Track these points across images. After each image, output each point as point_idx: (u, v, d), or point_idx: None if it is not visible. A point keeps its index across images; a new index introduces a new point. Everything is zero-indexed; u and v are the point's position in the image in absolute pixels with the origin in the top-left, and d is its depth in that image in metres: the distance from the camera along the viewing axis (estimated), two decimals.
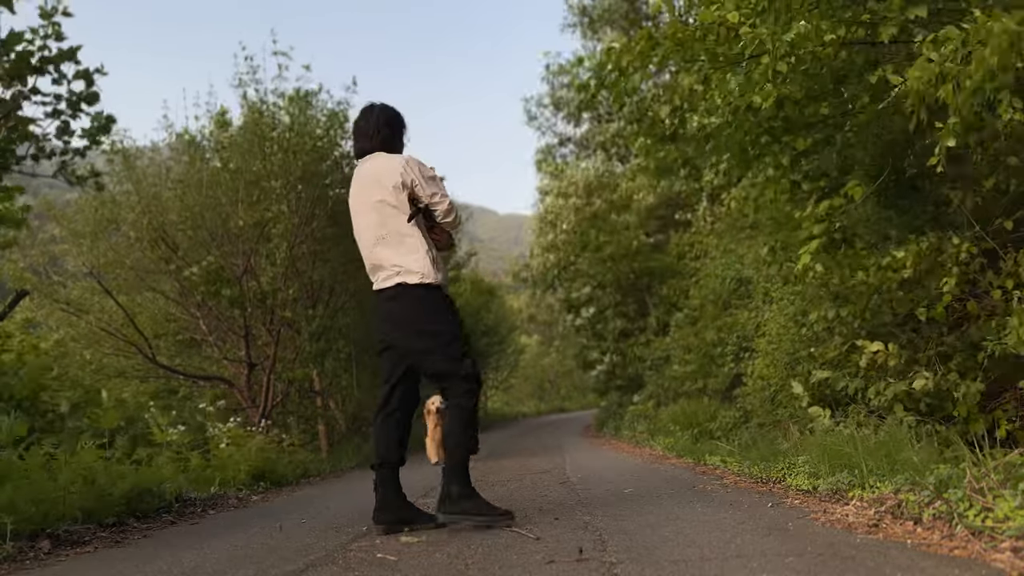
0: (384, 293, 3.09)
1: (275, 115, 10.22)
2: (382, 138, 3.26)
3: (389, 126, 3.29)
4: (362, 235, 3.18)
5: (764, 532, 2.49)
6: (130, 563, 2.84)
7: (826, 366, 4.86)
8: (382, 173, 3.11)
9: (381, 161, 3.18)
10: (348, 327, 11.39)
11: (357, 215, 3.21)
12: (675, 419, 8.36)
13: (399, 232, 3.07)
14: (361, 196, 3.17)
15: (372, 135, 3.25)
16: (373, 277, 3.17)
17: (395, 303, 3.06)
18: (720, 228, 11.08)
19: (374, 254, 3.11)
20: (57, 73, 4.50)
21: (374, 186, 3.12)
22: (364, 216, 3.15)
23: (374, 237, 3.11)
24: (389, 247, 3.07)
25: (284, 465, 6.90)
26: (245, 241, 9.36)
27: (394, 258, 3.05)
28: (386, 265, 3.07)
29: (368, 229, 3.14)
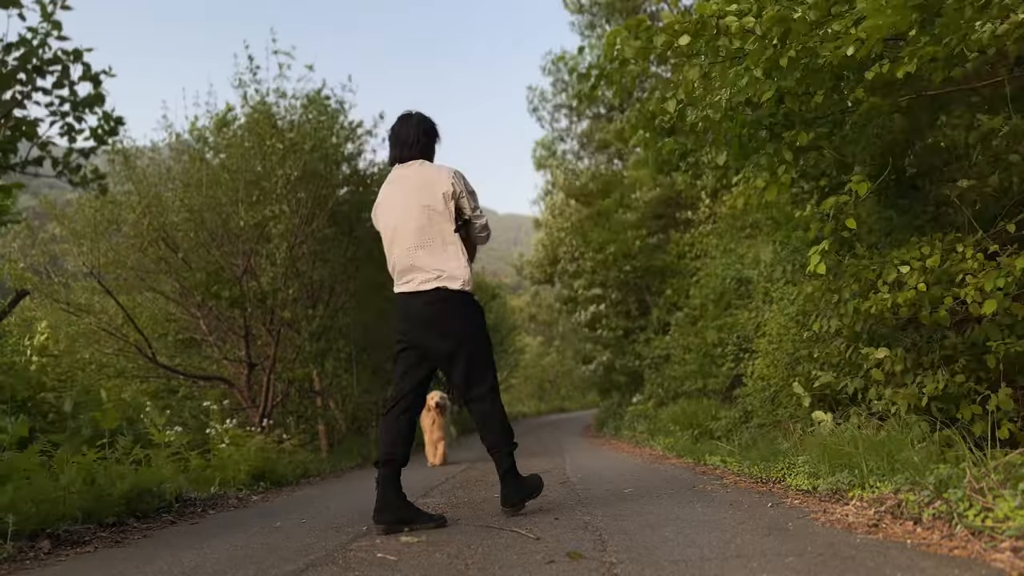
0: (421, 296, 3.17)
1: (276, 115, 10.22)
2: (421, 146, 3.38)
3: (428, 135, 3.42)
4: (399, 237, 3.24)
5: (764, 532, 2.49)
6: (130, 563, 2.84)
7: (827, 367, 4.85)
8: (432, 180, 3.24)
9: (429, 169, 3.30)
10: (348, 327, 11.40)
11: (395, 217, 3.27)
12: (675, 419, 8.36)
13: (443, 239, 3.19)
14: (404, 199, 3.25)
15: (412, 143, 3.36)
16: (404, 278, 3.23)
17: (432, 306, 3.16)
18: (720, 228, 11.09)
19: (412, 256, 3.19)
20: (61, 74, 4.48)
21: (422, 191, 3.22)
22: (406, 219, 3.23)
23: (415, 240, 3.19)
24: (431, 252, 3.18)
25: (284, 465, 6.90)
26: (245, 241, 9.36)
27: (436, 263, 3.16)
28: (427, 268, 3.16)
29: (409, 232, 3.21)
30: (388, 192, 3.36)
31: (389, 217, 3.30)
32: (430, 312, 3.16)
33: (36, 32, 4.39)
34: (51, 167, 4.81)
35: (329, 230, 10.69)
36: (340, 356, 10.96)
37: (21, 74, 4.36)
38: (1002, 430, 3.58)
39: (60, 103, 4.60)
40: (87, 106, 4.68)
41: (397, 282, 3.29)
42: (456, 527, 3.13)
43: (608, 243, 14.26)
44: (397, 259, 3.25)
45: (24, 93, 4.43)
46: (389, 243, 3.30)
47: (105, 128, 4.84)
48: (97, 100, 4.70)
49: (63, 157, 4.79)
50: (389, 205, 3.32)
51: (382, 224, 3.35)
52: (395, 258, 3.27)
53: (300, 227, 9.78)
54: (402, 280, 3.24)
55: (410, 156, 3.36)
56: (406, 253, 3.21)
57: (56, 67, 4.47)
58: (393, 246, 3.28)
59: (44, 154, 4.66)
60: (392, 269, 3.30)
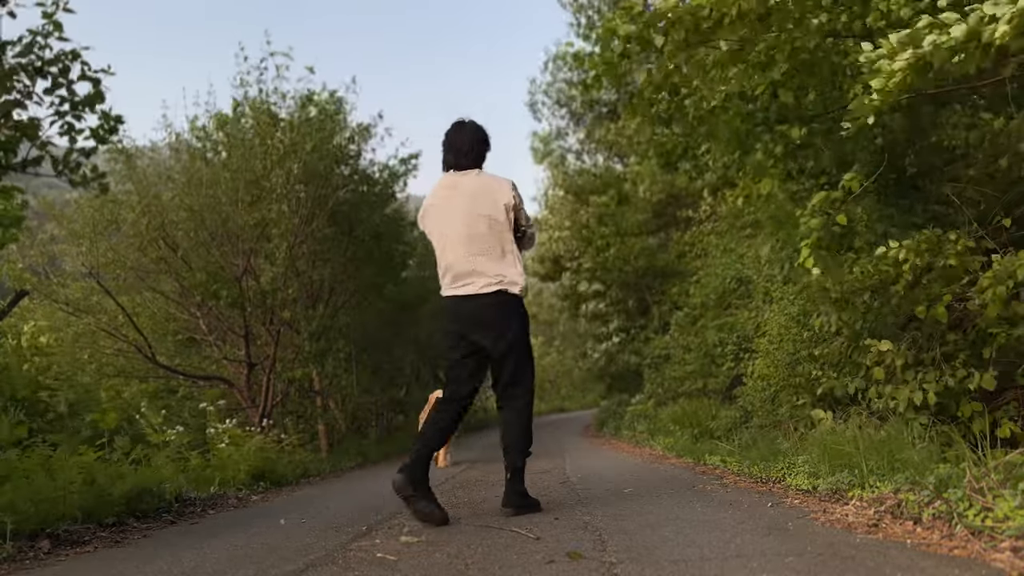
0: (481, 298, 3.29)
1: (275, 115, 10.23)
2: (476, 155, 3.49)
3: (482, 143, 3.53)
4: (456, 243, 3.35)
5: (764, 532, 2.49)
6: (130, 563, 2.84)
7: (828, 367, 4.85)
8: (495, 191, 3.38)
9: (490, 179, 3.44)
10: (348, 327, 11.40)
11: (453, 223, 3.36)
12: (675, 419, 8.36)
13: (503, 247, 3.34)
14: (464, 207, 3.35)
15: (468, 151, 3.46)
16: (461, 281, 3.33)
17: (492, 308, 3.29)
18: (721, 228, 11.09)
19: (471, 261, 3.30)
20: (60, 75, 4.47)
21: (482, 201, 3.35)
22: (465, 226, 3.33)
23: (476, 248, 3.31)
24: (491, 259, 3.31)
25: (284, 465, 6.90)
26: (245, 241, 9.36)
27: (497, 268, 3.30)
28: (488, 273, 3.29)
29: (468, 239, 3.32)
30: (443, 197, 3.44)
31: (445, 223, 3.39)
32: (491, 314, 3.29)
33: (36, 33, 4.39)
34: (51, 167, 4.80)
35: (329, 230, 10.69)
36: (339, 356, 10.96)
37: (22, 74, 4.36)
38: (1003, 429, 3.58)
39: (60, 103, 4.59)
40: (87, 105, 4.67)
41: (451, 285, 3.37)
42: (456, 527, 3.13)
43: (609, 246, 14.26)
44: (453, 263, 3.34)
45: (25, 93, 4.42)
46: (442, 247, 3.40)
47: (106, 127, 4.83)
48: (97, 98, 4.68)
49: (63, 157, 4.78)
50: (445, 211, 3.41)
51: (435, 229, 3.44)
52: (450, 262, 3.36)
53: (300, 227, 9.77)
54: (459, 283, 3.34)
55: (466, 164, 3.46)
56: (465, 259, 3.32)
57: (56, 67, 4.46)
58: (447, 251, 3.37)
59: (44, 154, 4.65)
60: (444, 272, 3.39)
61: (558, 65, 17.94)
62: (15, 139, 4.44)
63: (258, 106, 10.20)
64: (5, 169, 4.48)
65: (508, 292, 3.30)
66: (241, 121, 10.27)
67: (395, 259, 13.33)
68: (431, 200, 3.50)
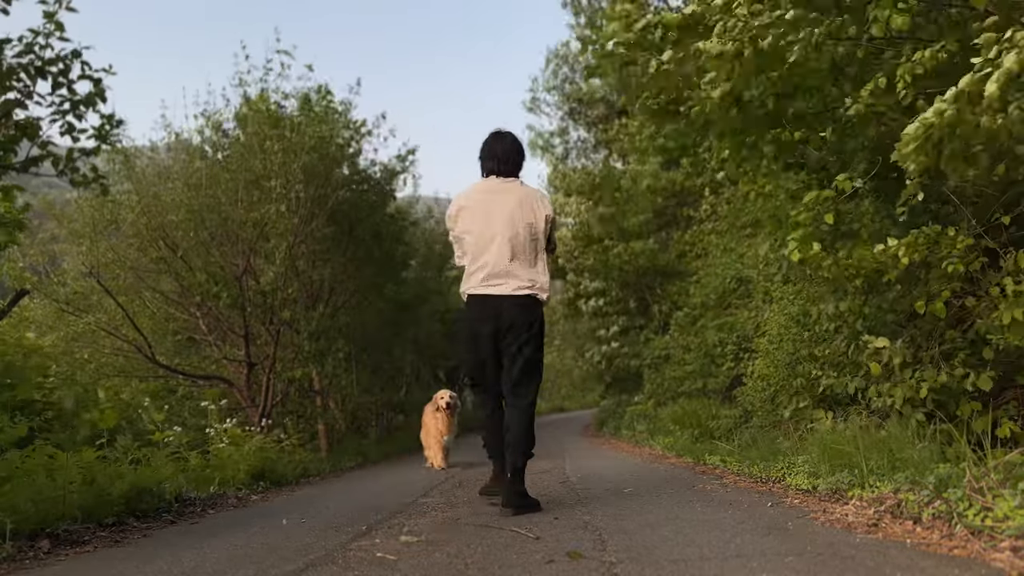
0: (513, 299, 3.50)
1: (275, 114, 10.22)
2: (515, 164, 3.73)
3: (521, 154, 3.78)
4: (495, 245, 3.52)
5: (764, 532, 2.49)
6: (130, 563, 2.84)
7: (828, 366, 4.85)
8: (535, 203, 3.61)
9: (533, 191, 3.69)
10: (348, 327, 11.40)
11: (493, 226, 3.54)
12: (675, 419, 8.36)
13: (536, 255, 3.59)
14: (506, 213, 3.55)
15: (508, 160, 3.70)
16: (494, 281, 3.51)
17: (519, 308, 3.50)
18: (721, 227, 11.09)
19: (507, 265, 3.51)
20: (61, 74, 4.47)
21: (525, 210, 3.58)
22: (506, 231, 3.52)
23: (513, 252, 3.52)
24: (524, 265, 3.54)
25: (284, 465, 6.90)
26: (244, 241, 9.35)
27: (530, 274, 3.54)
28: (521, 277, 3.51)
29: (507, 243, 3.51)
30: (482, 200, 3.62)
31: (483, 225, 3.57)
32: (517, 314, 3.48)
33: (38, 32, 4.38)
34: (51, 166, 4.79)
35: (328, 229, 10.69)
36: (339, 356, 10.95)
37: (22, 73, 4.35)
38: (1002, 429, 3.58)
39: (60, 102, 4.58)
40: (88, 105, 4.66)
41: (482, 282, 3.53)
42: (456, 526, 3.13)
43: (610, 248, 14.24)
44: (489, 263, 3.52)
45: (25, 92, 4.41)
46: (477, 247, 3.57)
47: (107, 128, 4.83)
48: (98, 96, 4.68)
49: (65, 156, 4.78)
50: (483, 214, 3.58)
51: (471, 228, 3.60)
52: (486, 262, 3.53)
53: (300, 227, 9.77)
54: (491, 282, 3.51)
55: (506, 171, 3.69)
56: (502, 261, 3.51)
57: (57, 67, 4.45)
58: (485, 252, 3.54)
59: (44, 153, 4.64)
60: (476, 269, 3.56)
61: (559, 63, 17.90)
62: (15, 138, 4.43)
63: (257, 105, 10.18)
64: (5, 169, 4.47)
65: (536, 297, 3.54)
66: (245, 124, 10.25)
67: (395, 259, 13.33)
68: (465, 201, 3.64)
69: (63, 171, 4.77)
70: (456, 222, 3.66)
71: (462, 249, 3.69)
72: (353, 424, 12.22)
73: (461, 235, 3.64)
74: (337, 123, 11.05)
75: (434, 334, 16.86)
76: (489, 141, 3.77)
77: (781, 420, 5.60)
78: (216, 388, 9.36)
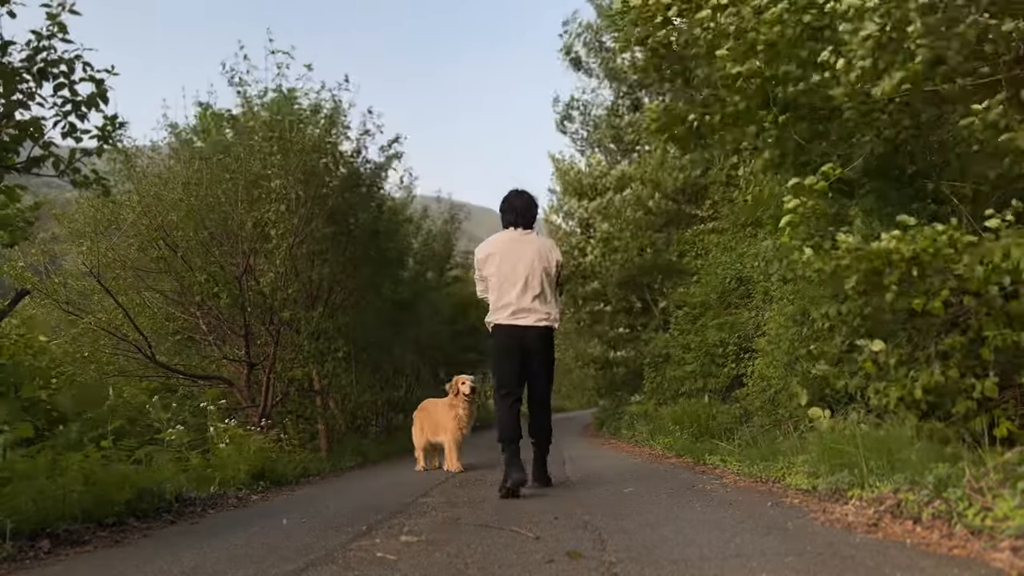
0: (536, 329, 4.36)
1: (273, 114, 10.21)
2: (531, 217, 4.58)
3: (536, 207, 4.63)
4: (519, 285, 4.35)
5: (763, 531, 2.50)
6: (130, 563, 2.84)
7: (824, 359, 4.84)
8: (548, 252, 4.47)
9: (546, 242, 4.56)
10: (347, 326, 11.39)
11: (518, 269, 4.37)
12: (675, 418, 8.36)
13: (551, 293, 4.44)
14: (527, 260, 4.38)
15: (526, 214, 4.55)
16: (520, 315, 4.35)
17: (540, 336, 4.38)
18: (722, 226, 11.09)
19: (529, 303, 4.35)
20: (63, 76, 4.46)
21: (542, 258, 4.41)
22: (528, 274, 4.36)
23: (534, 291, 4.35)
24: (543, 301, 4.38)
25: (284, 464, 6.90)
26: (244, 241, 9.35)
27: (546, 308, 4.40)
28: (540, 311, 4.37)
29: (529, 284, 4.36)
30: (507, 247, 4.44)
31: (508, 268, 4.38)
32: (538, 342, 4.37)
33: (41, 36, 4.38)
34: (52, 167, 4.79)
35: (328, 230, 10.68)
36: (339, 356, 10.95)
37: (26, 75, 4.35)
38: (1000, 428, 3.57)
39: (63, 103, 4.58)
40: (89, 106, 4.66)
41: (509, 316, 4.36)
42: (456, 526, 3.14)
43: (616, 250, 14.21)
44: (514, 302, 4.35)
45: (28, 94, 4.41)
46: (503, 284, 4.38)
47: (109, 128, 4.84)
48: (100, 97, 4.67)
49: (68, 157, 4.78)
50: (510, 260, 4.39)
51: (497, 271, 4.40)
52: (511, 300, 4.35)
53: (299, 227, 9.76)
54: (518, 316, 4.35)
55: (525, 224, 4.54)
56: (525, 300, 4.34)
57: (58, 68, 4.45)
58: (510, 289, 4.36)
59: (46, 154, 4.64)
60: (503, 305, 4.38)
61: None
62: (19, 139, 4.43)
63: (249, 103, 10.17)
64: (7, 169, 4.47)
65: (552, 328, 4.43)
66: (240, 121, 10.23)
67: (392, 257, 13.29)
68: (493, 249, 4.46)
69: (63, 172, 4.77)
70: (485, 265, 4.46)
71: (486, 285, 4.49)
72: (353, 424, 12.22)
73: (488, 276, 4.44)
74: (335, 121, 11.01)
75: (434, 333, 16.85)
76: (510, 197, 4.56)
77: (781, 420, 5.60)
78: (216, 388, 9.37)
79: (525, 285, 4.34)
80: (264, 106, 10.38)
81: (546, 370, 4.47)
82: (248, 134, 9.79)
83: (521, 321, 4.34)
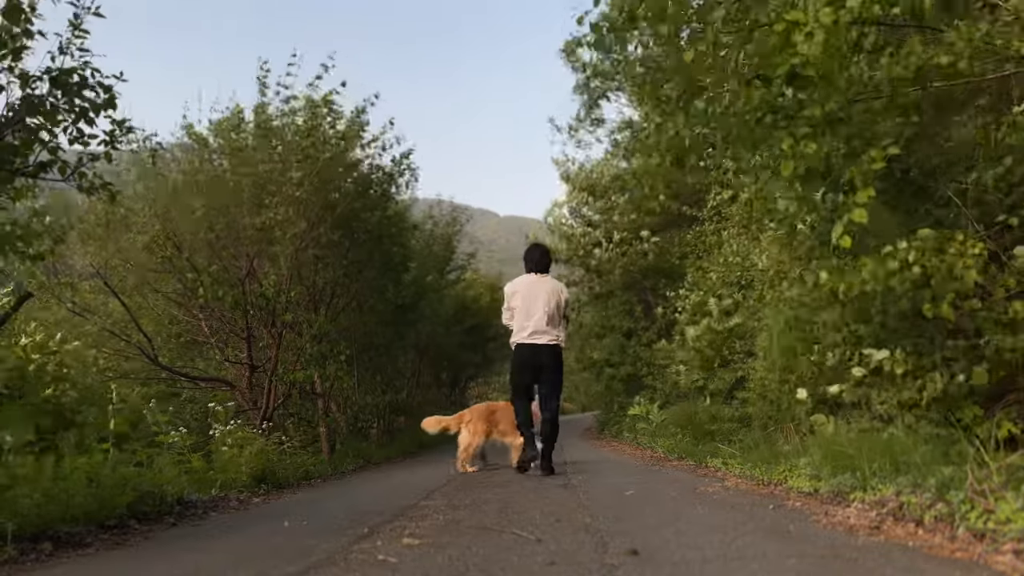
0: (546, 347, 5.68)
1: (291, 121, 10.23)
2: (544, 265, 5.94)
3: (547, 257, 6.02)
4: (538, 315, 5.66)
5: (765, 534, 2.49)
6: (131, 565, 2.84)
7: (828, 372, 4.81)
8: (559, 291, 5.82)
9: (556, 284, 5.90)
10: (349, 329, 11.39)
11: (537, 303, 5.69)
12: (676, 421, 8.35)
13: (559, 320, 5.77)
14: (543, 297, 5.71)
15: (540, 263, 5.90)
16: (536, 336, 5.66)
17: (552, 352, 5.71)
18: (725, 226, 11.07)
19: (544, 327, 5.66)
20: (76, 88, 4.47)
21: (553, 296, 5.74)
22: (543, 307, 5.68)
23: (548, 319, 5.66)
24: (553, 327, 5.71)
25: (285, 467, 6.90)
26: (250, 244, 9.36)
27: (557, 332, 5.74)
28: (552, 334, 5.69)
29: (544, 315, 5.66)
30: (528, 289, 5.77)
31: (530, 303, 5.70)
32: (550, 355, 5.71)
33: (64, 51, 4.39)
34: (59, 172, 4.80)
35: (335, 235, 10.65)
36: (340, 359, 10.95)
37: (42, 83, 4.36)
38: (1002, 430, 3.56)
39: (69, 109, 4.59)
40: (98, 111, 4.66)
41: (528, 336, 5.66)
42: (457, 529, 3.13)
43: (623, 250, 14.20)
44: (533, 326, 5.66)
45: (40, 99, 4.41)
46: (525, 315, 5.69)
47: (118, 134, 4.85)
48: (109, 104, 4.68)
49: (76, 162, 4.80)
50: (529, 296, 5.73)
51: (521, 304, 5.73)
52: (531, 324, 5.66)
53: (306, 231, 9.75)
54: (535, 337, 5.66)
55: (540, 270, 5.88)
56: (541, 325, 5.65)
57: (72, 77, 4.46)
58: (531, 318, 5.67)
59: (54, 159, 4.66)
60: (524, 328, 5.67)
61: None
62: (28, 143, 4.45)
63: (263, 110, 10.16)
64: (17, 173, 4.48)
65: (560, 346, 5.78)
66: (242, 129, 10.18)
67: (396, 261, 13.27)
68: (518, 288, 5.82)
69: (69, 176, 4.78)
70: (511, 299, 5.83)
71: (511, 315, 5.81)
72: (354, 426, 12.22)
73: (513, 307, 5.80)
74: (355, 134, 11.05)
75: (435, 335, 16.84)
76: (530, 250, 6.02)
77: (783, 423, 5.59)
78: (220, 391, 9.38)
79: (542, 315, 5.65)
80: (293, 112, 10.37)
81: (555, 380, 5.76)
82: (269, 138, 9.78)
83: (538, 340, 5.67)
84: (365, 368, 12.77)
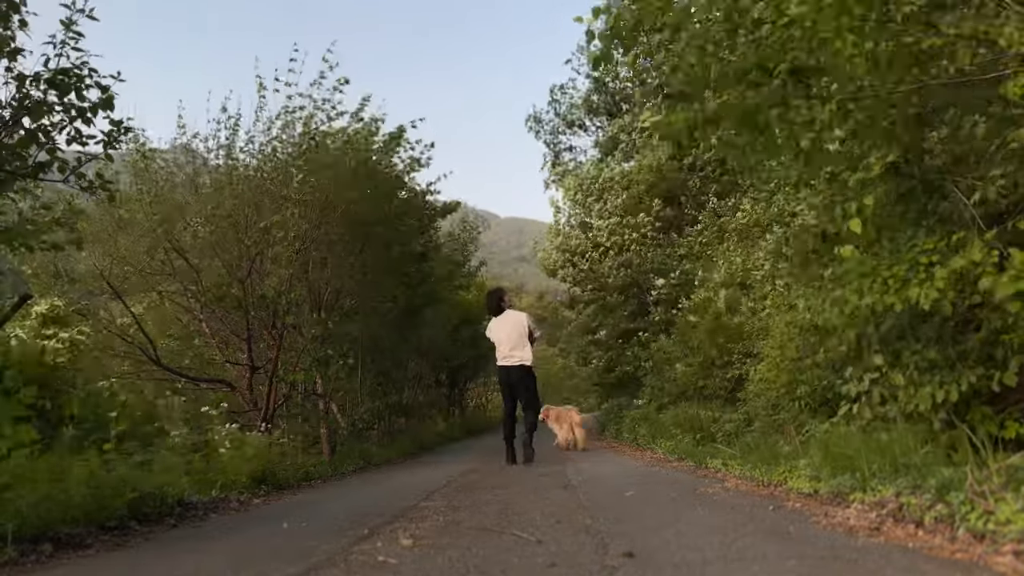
0: (515, 368, 7.39)
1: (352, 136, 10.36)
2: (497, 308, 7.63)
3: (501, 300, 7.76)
4: (507, 341, 7.40)
5: (765, 535, 2.49)
6: (132, 566, 2.84)
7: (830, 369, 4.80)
8: (520, 322, 7.48)
9: (517, 315, 7.61)
10: (351, 331, 11.36)
11: (505, 334, 7.43)
12: (676, 422, 8.34)
13: (524, 344, 7.41)
14: (508, 328, 7.44)
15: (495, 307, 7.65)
16: (507, 357, 7.40)
17: (520, 371, 7.40)
18: (725, 226, 11.07)
19: (510, 352, 7.38)
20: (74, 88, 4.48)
21: (517, 325, 7.43)
22: (509, 335, 7.42)
23: (514, 344, 7.36)
24: (519, 349, 7.37)
25: (286, 468, 6.89)
26: (252, 244, 9.33)
27: (523, 354, 7.40)
28: (518, 356, 7.36)
29: (510, 341, 7.39)
30: (496, 324, 7.56)
31: (501, 333, 7.46)
32: (519, 374, 7.41)
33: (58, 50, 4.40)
34: (58, 172, 4.80)
35: (337, 235, 10.60)
36: (342, 361, 10.92)
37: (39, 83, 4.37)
38: (1008, 430, 3.54)
39: (67, 109, 4.59)
40: (95, 112, 4.67)
41: (501, 359, 7.44)
42: (457, 530, 3.13)
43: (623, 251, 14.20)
44: (504, 351, 7.41)
45: (37, 102, 4.42)
46: (498, 341, 7.47)
47: (116, 134, 4.86)
48: (107, 104, 4.69)
49: (75, 162, 4.80)
50: (498, 329, 7.51)
51: (494, 335, 7.55)
52: (503, 350, 7.41)
53: (309, 232, 9.71)
54: (506, 360, 7.41)
55: (496, 313, 7.62)
56: (506, 350, 7.39)
57: (68, 77, 4.46)
58: (502, 345, 7.41)
59: (52, 159, 4.66)
60: (499, 353, 7.45)
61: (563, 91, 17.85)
62: (25, 143, 4.45)
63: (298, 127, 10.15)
64: (15, 175, 4.49)
65: (525, 366, 7.42)
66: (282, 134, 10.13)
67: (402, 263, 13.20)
68: (491, 326, 7.64)
69: (68, 176, 4.79)
70: (489, 334, 7.63)
71: (489, 340, 7.65)
72: (355, 428, 12.20)
73: (488, 336, 7.64)
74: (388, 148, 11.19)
75: (437, 337, 16.82)
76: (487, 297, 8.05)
77: (783, 424, 5.58)
78: (219, 391, 9.37)
79: (508, 341, 7.38)
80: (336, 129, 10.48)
81: (529, 394, 7.47)
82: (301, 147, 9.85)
83: (508, 362, 7.41)
84: (367, 370, 12.74)
